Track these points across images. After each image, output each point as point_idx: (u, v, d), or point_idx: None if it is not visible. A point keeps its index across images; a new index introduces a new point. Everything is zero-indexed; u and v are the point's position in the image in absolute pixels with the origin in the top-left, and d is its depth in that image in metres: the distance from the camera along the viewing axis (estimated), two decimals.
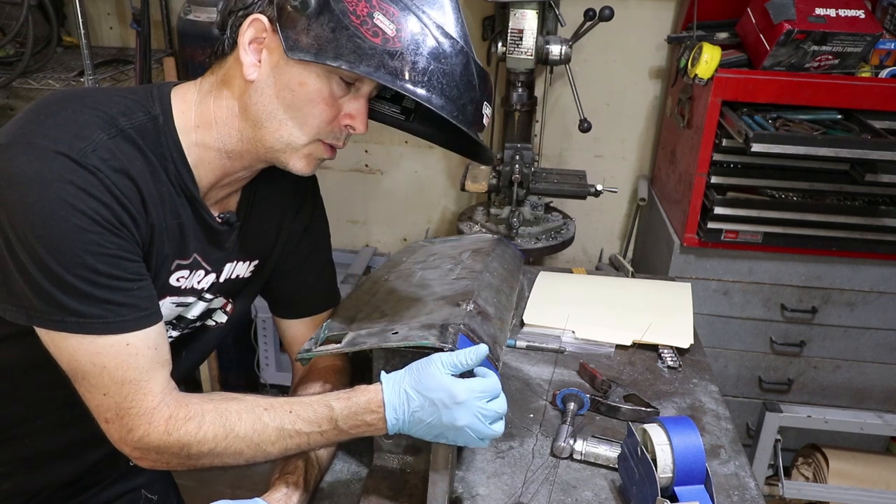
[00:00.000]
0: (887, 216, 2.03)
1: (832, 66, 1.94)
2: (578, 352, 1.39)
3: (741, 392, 2.29)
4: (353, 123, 0.94)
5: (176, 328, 1.08)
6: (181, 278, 1.01)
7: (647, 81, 2.53)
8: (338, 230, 2.86)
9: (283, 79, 0.90)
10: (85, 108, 0.89)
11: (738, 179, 2.08)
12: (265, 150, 0.95)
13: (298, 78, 0.90)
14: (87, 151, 0.83)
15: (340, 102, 0.93)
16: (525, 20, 1.99)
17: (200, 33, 2.24)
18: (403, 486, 1.04)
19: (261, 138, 0.94)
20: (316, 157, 0.97)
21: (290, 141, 0.93)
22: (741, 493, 1.06)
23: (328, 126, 0.94)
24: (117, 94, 0.94)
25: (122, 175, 0.86)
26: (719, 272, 2.15)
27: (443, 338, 0.93)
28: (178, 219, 0.96)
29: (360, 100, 0.94)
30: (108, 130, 0.87)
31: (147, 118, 0.92)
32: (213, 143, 0.95)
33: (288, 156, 0.95)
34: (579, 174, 2.26)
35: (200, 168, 0.97)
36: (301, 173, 0.97)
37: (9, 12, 2.25)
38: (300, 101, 0.91)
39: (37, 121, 0.86)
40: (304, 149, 0.95)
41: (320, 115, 0.92)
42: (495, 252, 1.35)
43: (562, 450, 1.10)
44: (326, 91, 0.91)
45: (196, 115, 0.96)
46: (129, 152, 0.88)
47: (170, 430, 0.89)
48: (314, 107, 0.91)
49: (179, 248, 0.98)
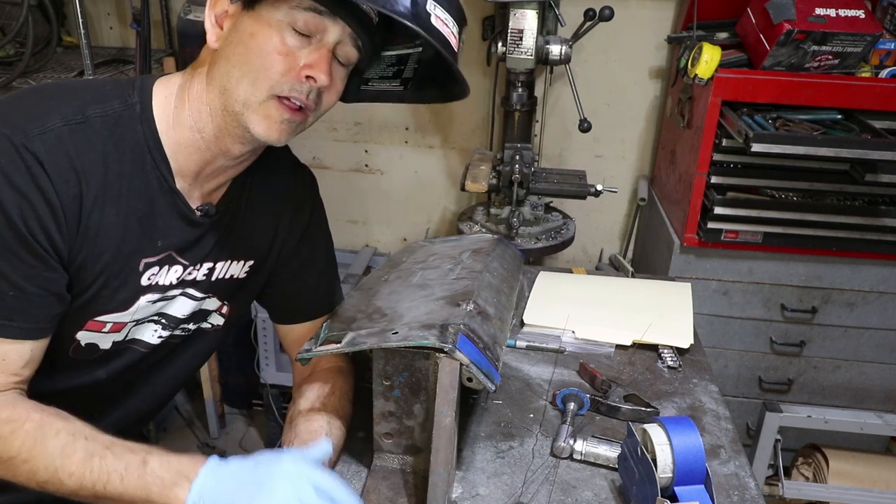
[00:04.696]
0: (887, 216, 2.03)
1: (832, 66, 1.94)
2: (578, 352, 1.39)
3: (741, 392, 2.29)
4: (313, 73, 0.91)
5: (165, 328, 1.07)
6: (152, 276, 0.99)
7: (647, 81, 2.53)
8: (338, 230, 2.84)
9: (237, 36, 0.90)
10: (56, 95, 0.88)
11: (738, 179, 2.08)
12: (230, 119, 0.93)
13: (249, 30, 0.90)
14: (31, 135, 0.83)
15: (299, 55, 0.90)
16: (525, 20, 1.99)
17: (200, 33, 2.21)
18: (403, 486, 1.04)
19: (224, 105, 0.92)
20: (277, 119, 0.92)
21: (245, 98, 0.91)
22: (741, 493, 1.06)
23: (283, 78, 0.90)
24: (98, 83, 0.94)
25: (63, 166, 0.85)
26: (719, 272, 2.15)
27: (443, 338, 0.93)
28: (146, 213, 0.94)
29: (321, 50, 0.91)
30: (69, 118, 0.86)
31: (123, 106, 0.92)
32: (186, 121, 0.95)
33: (247, 117, 0.92)
34: (579, 174, 2.25)
35: (179, 155, 0.96)
36: (265, 137, 0.93)
37: (9, 12, 2.25)
38: (252, 53, 0.89)
39: (4, 102, 0.87)
40: (261, 107, 0.91)
41: (272, 65, 0.89)
42: (495, 252, 1.35)
43: (562, 450, 1.10)
44: (277, 39, 0.89)
45: (175, 99, 0.96)
46: (87, 142, 0.87)
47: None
48: (266, 57, 0.89)
49: (144, 245, 0.96)
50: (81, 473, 0.86)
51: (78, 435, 0.87)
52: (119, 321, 1.00)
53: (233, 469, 0.86)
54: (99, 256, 0.92)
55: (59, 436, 0.87)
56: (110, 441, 0.88)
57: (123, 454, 0.87)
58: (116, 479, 0.85)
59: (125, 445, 0.88)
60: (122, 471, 0.85)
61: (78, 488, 0.86)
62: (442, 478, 0.96)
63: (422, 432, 1.02)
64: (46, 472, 0.86)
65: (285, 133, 0.94)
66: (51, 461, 0.86)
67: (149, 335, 1.06)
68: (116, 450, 0.87)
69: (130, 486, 0.85)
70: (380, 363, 1.00)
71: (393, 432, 1.05)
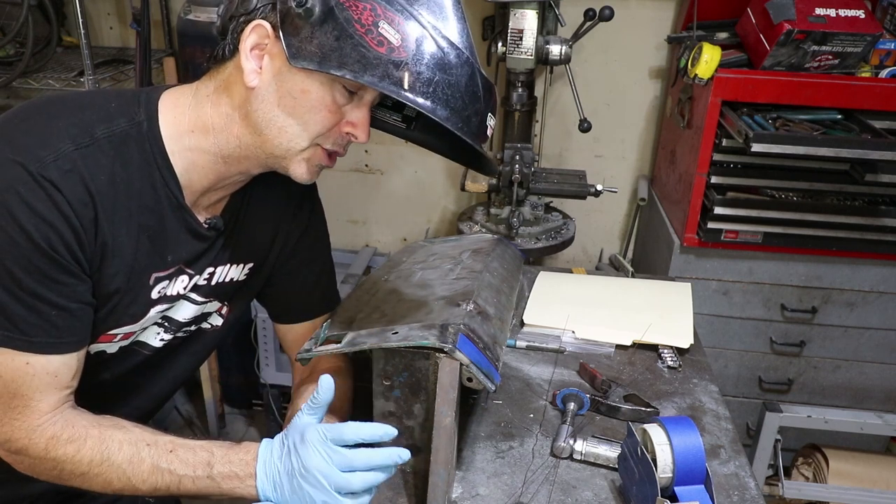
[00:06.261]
0: (887, 216, 2.03)
1: (832, 66, 1.94)
2: (578, 352, 1.39)
3: (741, 392, 2.29)
4: (355, 132, 0.94)
5: (168, 331, 1.07)
6: (162, 289, 1.00)
7: (647, 81, 2.53)
8: (338, 230, 2.86)
9: (285, 86, 0.89)
10: (62, 115, 0.88)
11: (738, 179, 2.08)
12: (265, 156, 0.95)
13: (301, 86, 0.89)
14: (46, 162, 0.83)
15: (343, 110, 0.93)
16: (525, 20, 1.99)
17: (200, 33, 2.24)
18: (403, 486, 1.04)
19: (261, 145, 0.93)
20: (315, 164, 0.96)
21: (290, 147, 0.93)
22: (741, 493, 1.06)
23: (329, 133, 0.93)
24: (102, 99, 0.93)
25: (79, 190, 0.85)
26: (719, 272, 2.15)
27: (443, 338, 0.93)
28: (156, 230, 0.95)
29: (362, 108, 0.94)
30: (78, 140, 0.86)
31: (129, 125, 0.91)
32: (209, 147, 0.95)
33: (288, 161, 0.95)
34: (579, 174, 2.25)
35: (192, 173, 0.96)
36: (301, 180, 0.97)
37: (9, 12, 2.24)
38: (302, 108, 0.90)
39: (11, 125, 0.86)
40: (304, 153, 0.94)
41: (322, 122, 0.92)
42: (495, 252, 1.35)
43: (562, 450, 1.10)
44: (329, 99, 0.90)
45: (190, 120, 0.94)
46: (98, 164, 0.87)
47: (49, 449, 0.90)
48: (316, 114, 0.91)
49: (155, 262, 0.97)
50: (154, 480, 0.92)
51: (140, 444, 0.93)
52: (129, 331, 1.02)
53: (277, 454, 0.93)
54: (114, 276, 0.93)
55: (123, 448, 0.92)
56: (171, 444, 0.94)
57: (188, 458, 0.93)
58: (188, 482, 0.93)
59: (186, 446, 0.94)
60: (192, 474, 0.92)
61: (153, 490, 0.93)
62: (442, 478, 0.96)
63: (422, 432, 1.02)
64: (120, 482, 0.92)
65: (316, 176, 0.99)
66: (121, 472, 0.92)
67: (152, 338, 1.06)
68: (180, 453, 0.93)
69: (202, 485, 0.93)
70: (380, 363, 1.00)
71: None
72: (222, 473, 0.92)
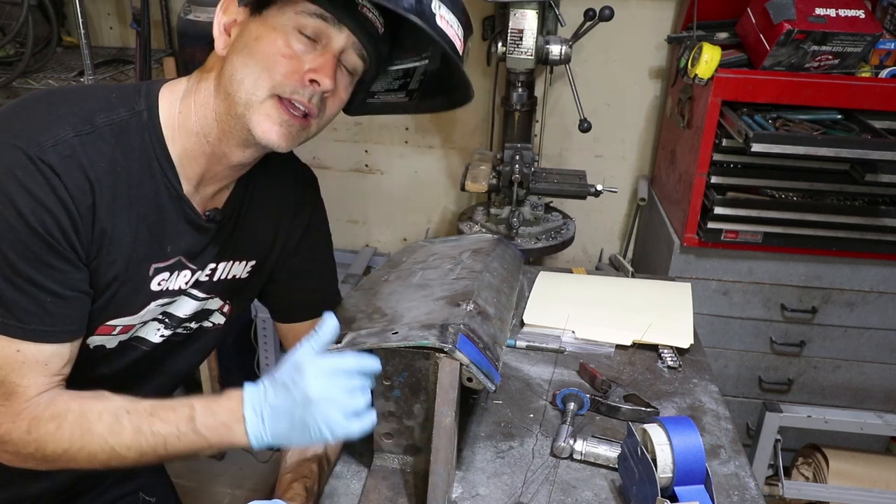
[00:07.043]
0: (887, 216, 2.03)
1: (832, 66, 1.94)
2: (578, 352, 1.39)
3: (741, 392, 2.29)
4: (318, 77, 0.90)
5: (168, 327, 1.07)
6: (162, 281, 1.00)
7: (647, 81, 2.53)
8: (338, 230, 2.86)
9: (243, 40, 0.91)
10: (63, 104, 0.88)
11: (738, 179, 2.08)
12: (234, 121, 0.92)
13: (255, 34, 0.90)
14: (46, 147, 0.83)
15: (303, 59, 0.90)
16: (525, 20, 1.99)
17: (200, 33, 2.24)
18: (403, 486, 1.04)
19: (228, 109, 0.92)
20: (277, 119, 0.92)
21: (248, 99, 0.90)
22: (741, 493, 1.06)
23: (286, 80, 0.90)
24: (104, 90, 0.94)
25: (78, 176, 0.85)
26: (719, 272, 2.15)
27: (443, 338, 0.93)
28: (155, 220, 0.95)
29: (326, 55, 0.91)
30: (79, 128, 0.86)
31: (129, 114, 0.91)
32: (192, 126, 0.95)
33: (249, 119, 0.91)
34: (579, 174, 2.25)
35: (185, 161, 0.96)
36: (268, 139, 0.92)
37: (9, 12, 2.25)
38: (256, 55, 0.90)
39: (12, 112, 0.87)
40: (263, 106, 0.91)
41: (275, 66, 0.89)
42: (495, 252, 1.35)
43: (562, 450, 1.10)
44: (282, 42, 0.89)
45: (180, 104, 0.95)
46: (98, 152, 0.87)
47: (30, 430, 0.88)
48: (269, 59, 0.89)
49: (154, 251, 0.97)
50: (138, 445, 0.89)
51: (120, 411, 0.90)
52: (128, 324, 1.01)
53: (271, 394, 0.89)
54: (112, 264, 0.93)
55: (103, 418, 0.89)
56: (151, 407, 0.91)
57: (169, 417, 0.90)
58: (174, 440, 0.89)
59: (165, 406, 0.91)
60: (176, 432, 0.89)
61: (140, 457, 0.90)
62: (442, 478, 0.96)
63: (422, 432, 1.02)
64: (104, 454, 0.89)
65: (286, 138, 0.93)
66: (104, 442, 0.89)
67: (152, 334, 1.06)
68: (161, 414, 0.90)
69: (189, 441, 0.89)
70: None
71: (393, 432, 1.05)
72: (207, 425, 0.89)
